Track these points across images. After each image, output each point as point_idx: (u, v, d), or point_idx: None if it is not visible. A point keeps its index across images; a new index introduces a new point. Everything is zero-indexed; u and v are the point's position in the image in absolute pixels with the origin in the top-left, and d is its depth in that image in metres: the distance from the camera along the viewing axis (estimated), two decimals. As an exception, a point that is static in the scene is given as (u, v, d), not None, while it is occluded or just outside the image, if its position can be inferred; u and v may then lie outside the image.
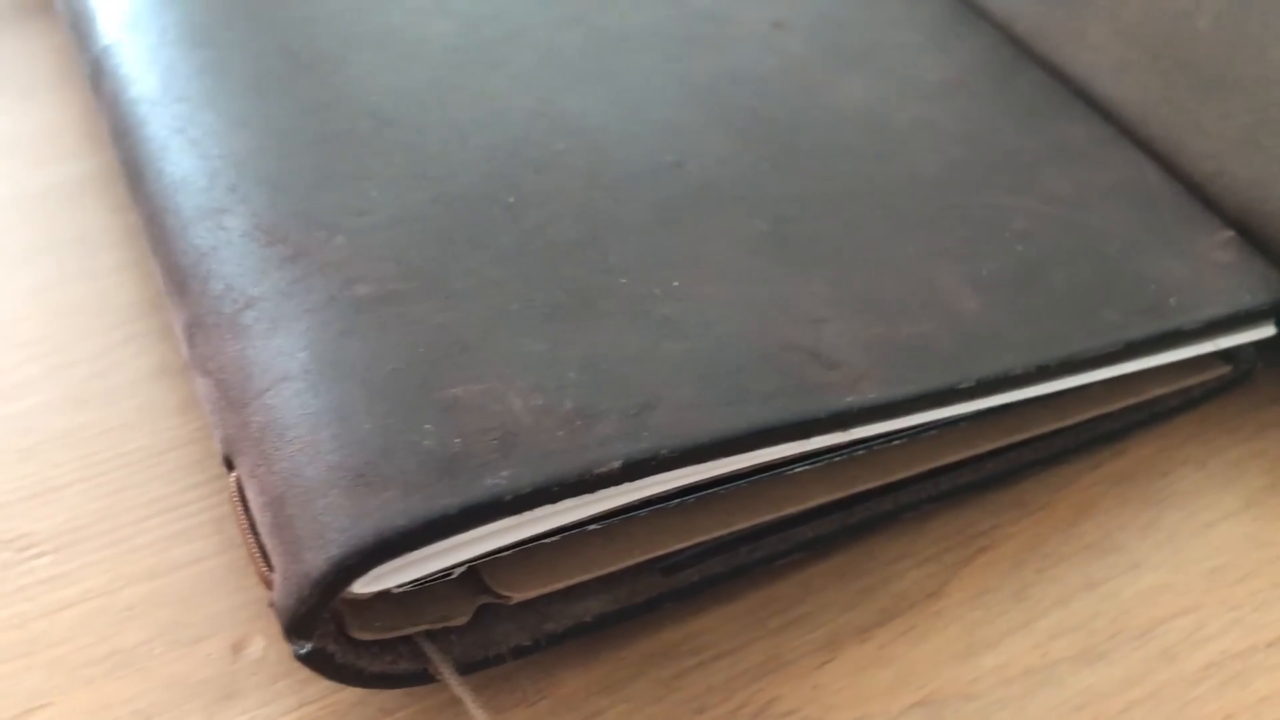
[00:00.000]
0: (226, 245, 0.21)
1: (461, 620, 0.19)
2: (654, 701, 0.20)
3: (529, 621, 0.20)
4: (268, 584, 0.18)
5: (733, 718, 0.20)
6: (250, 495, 0.18)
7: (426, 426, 0.18)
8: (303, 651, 0.17)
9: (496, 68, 0.25)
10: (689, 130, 0.24)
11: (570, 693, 0.20)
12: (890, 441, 0.21)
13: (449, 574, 0.18)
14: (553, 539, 0.19)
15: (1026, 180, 0.25)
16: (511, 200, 0.22)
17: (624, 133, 0.24)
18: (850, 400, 0.20)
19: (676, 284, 0.21)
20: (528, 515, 0.18)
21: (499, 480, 0.17)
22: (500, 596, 0.19)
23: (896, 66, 0.27)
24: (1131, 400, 0.24)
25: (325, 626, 0.18)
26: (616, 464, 0.18)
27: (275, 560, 0.17)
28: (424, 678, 0.19)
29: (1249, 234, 0.25)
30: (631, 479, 0.18)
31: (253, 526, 0.18)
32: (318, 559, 0.17)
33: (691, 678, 0.20)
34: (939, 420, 0.21)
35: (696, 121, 0.25)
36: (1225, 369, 0.25)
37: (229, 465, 0.19)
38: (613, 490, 0.18)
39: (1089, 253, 0.24)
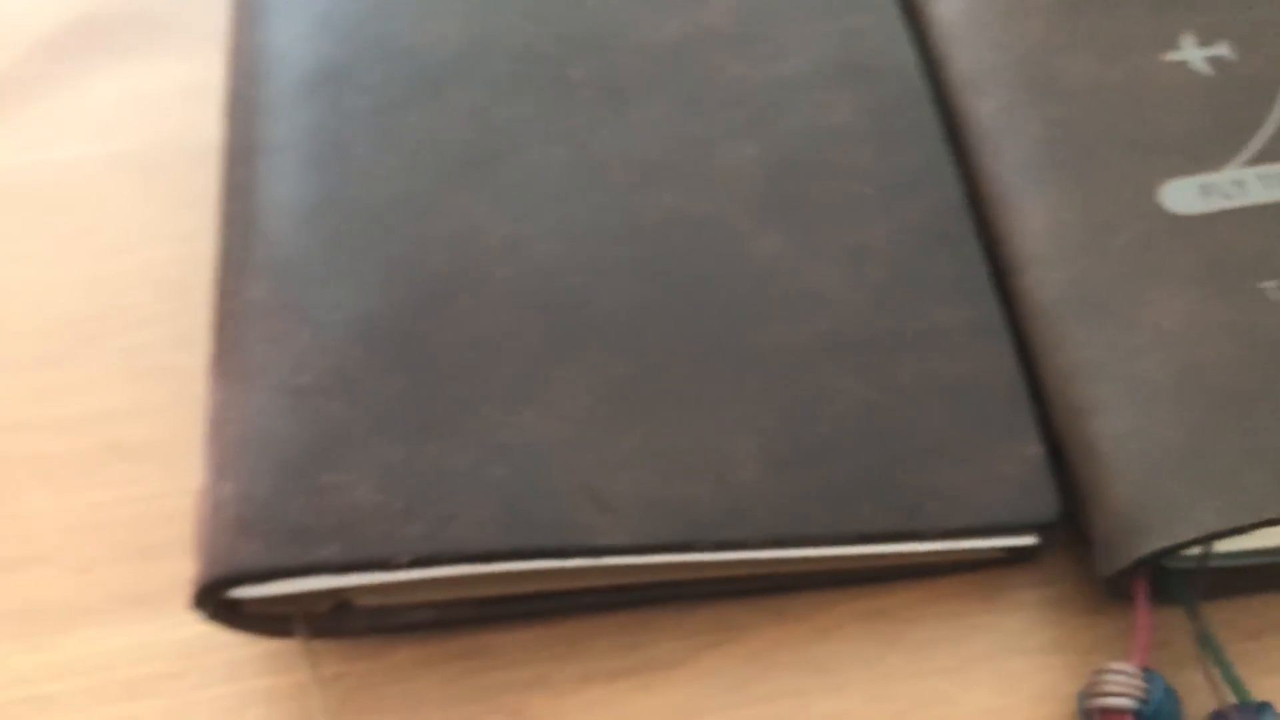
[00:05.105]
0: (239, 311, 0.30)
1: (321, 610, 0.29)
2: (448, 684, 0.30)
3: (375, 617, 0.29)
4: None
5: (494, 712, 0.29)
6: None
7: (298, 501, 0.27)
8: (204, 616, 0.28)
9: (482, 184, 0.32)
10: (612, 268, 0.31)
11: (395, 662, 0.30)
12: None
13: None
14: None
15: (876, 365, 0.30)
16: (437, 318, 0.30)
17: (557, 264, 0.31)
18: (601, 540, 0.28)
19: (525, 416, 0.29)
20: (348, 576, 0.27)
21: (326, 552, 0.27)
22: (350, 600, 0.29)
23: (828, 221, 0.32)
24: (893, 562, 0.30)
25: (219, 604, 0.28)
26: (406, 559, 0.27)
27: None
28: (287, 633, 0.29)
29: (1062, 451, 0.30)
30: (419, 568, 0.27)
31: (199, 521, 0.28)
32: (202, 572, 0.27)
33: (478, 676, 0.30)
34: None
35: (624, 260, 0.31)
36: (999, 552, 0.31)
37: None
38: (406, 572, 0.27)
39: (884, 449, 0.29)
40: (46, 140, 0.39)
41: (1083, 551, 0.31)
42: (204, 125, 0.38)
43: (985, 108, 0.34)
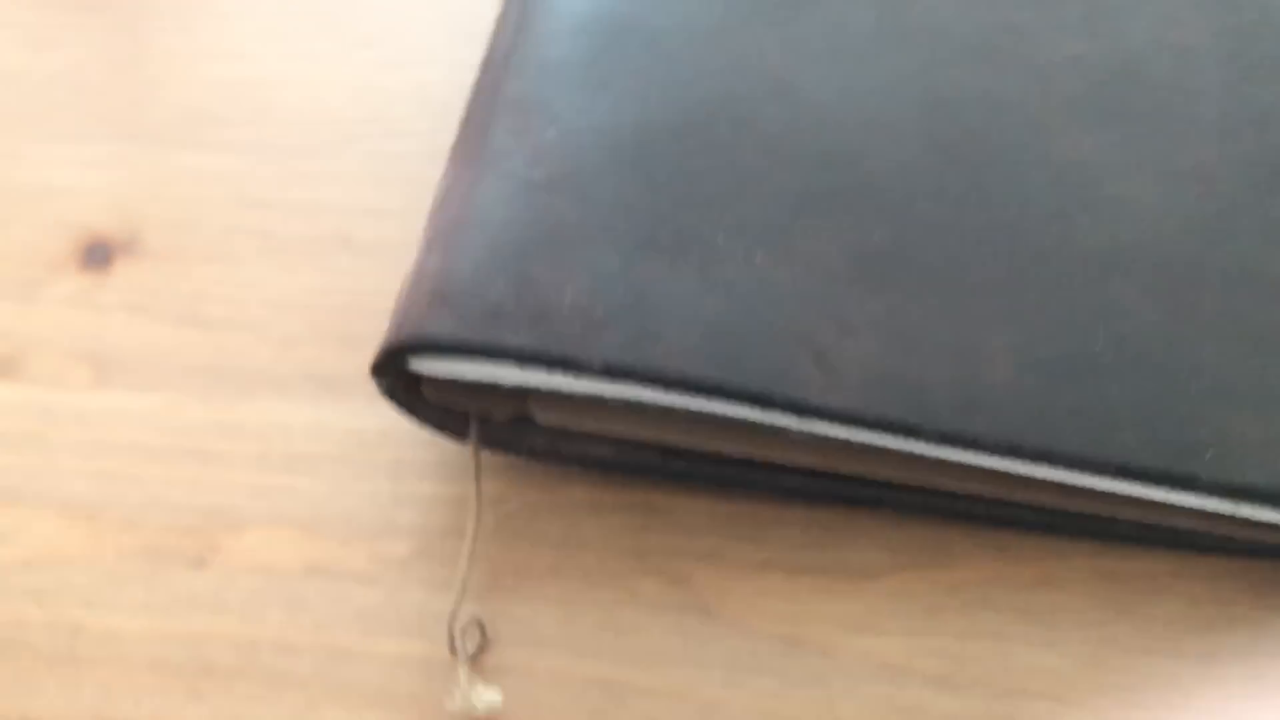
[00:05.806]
0: (491, 103, 0.28)
1: (500, 418, 0.27)
2: (612, 534, 0.27)
3: (553, 440, 0.27)
4: None
5: (653, 573, 0.27)
6: None
7: (499, 284, 0.25)
8: (382, 388, 0.26)
9: (775, 27, 0.29)
10: (895, 131, 0.28)
11: (563, 499, 0.28)
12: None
13: (496, 387, 0.26)
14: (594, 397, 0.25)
15: (1177, 292, 0.26)
16: (692, 144, 0.27)
17: (833, 116, 0.28)
18: (814, 399, 0.24)
19: (760, 258, 0.26)
20: (534, 372, 0.25)
21: (516, 339, 0.24)
22: (530, 415, 0.27)
23: (1153, 136, 0.28)
24: (1147, 518, 0.26)
25: (399, 380, 0.26)
26: (597, 364, 0.24)
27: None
28: (462, 435, 0.27)
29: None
30: (610, 379, 0.24)
31: (400, 292, 0.27)
32: (390, 335, 0.25)
33: (646, 534, 0.27)
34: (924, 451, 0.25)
35: (910, 126, 0.28)
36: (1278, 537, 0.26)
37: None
38: (595, 382, 0.25)
39: (1166, 380, 0.25)
40: (354, -44, 0.39)
41: (1387, 565, 0.25)
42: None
43: (1362, 55, 0.29)
